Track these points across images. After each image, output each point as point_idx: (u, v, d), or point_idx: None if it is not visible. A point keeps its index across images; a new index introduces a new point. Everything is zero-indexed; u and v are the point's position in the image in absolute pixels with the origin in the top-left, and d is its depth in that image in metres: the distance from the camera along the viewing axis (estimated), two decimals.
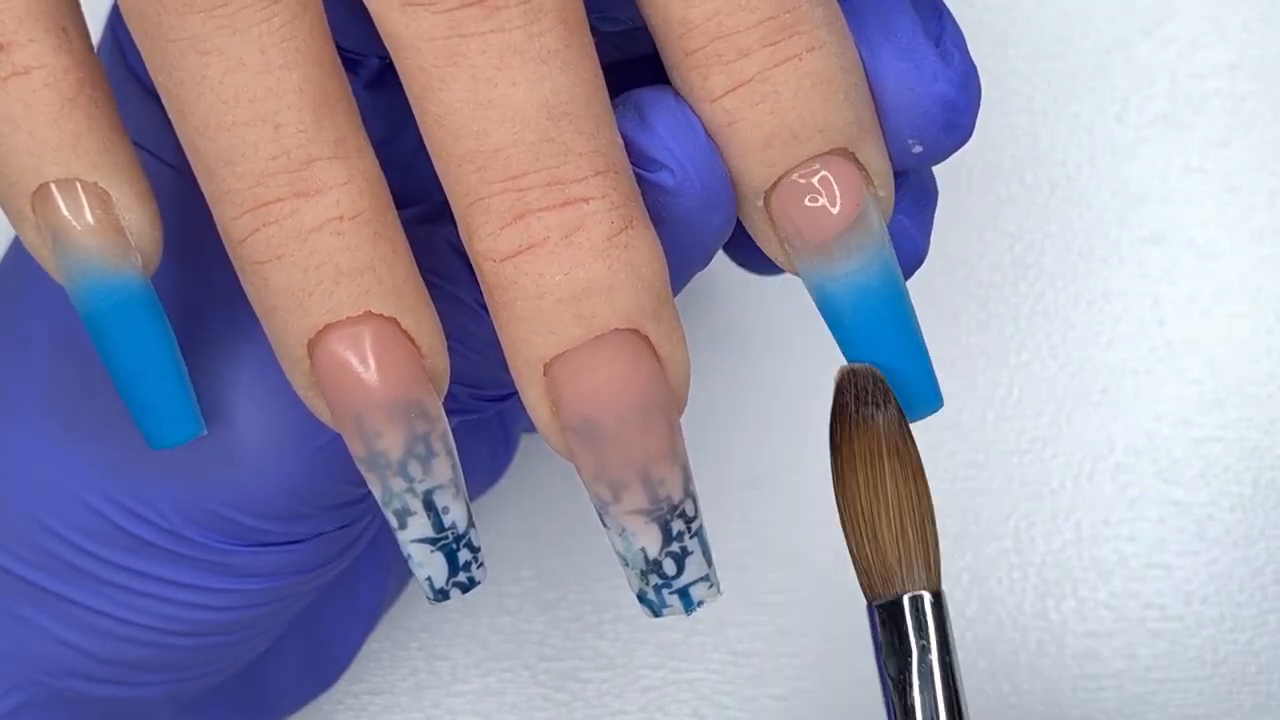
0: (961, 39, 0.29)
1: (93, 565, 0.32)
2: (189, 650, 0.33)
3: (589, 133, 0.27)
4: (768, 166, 0.28)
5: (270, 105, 0.26)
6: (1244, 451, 0.45)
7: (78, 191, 0.28)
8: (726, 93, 0.27)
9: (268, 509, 0.32)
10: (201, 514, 0.32)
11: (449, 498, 0.28)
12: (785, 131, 0.28)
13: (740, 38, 0.27)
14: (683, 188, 0.28)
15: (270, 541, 0.32)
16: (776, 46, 0.27)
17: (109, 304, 0.28)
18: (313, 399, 0.28)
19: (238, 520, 0.32)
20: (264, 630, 0.35)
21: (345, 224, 0.27)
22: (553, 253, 0.26)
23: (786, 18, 0.27)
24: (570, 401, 0.27)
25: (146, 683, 0.34)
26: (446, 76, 0.26)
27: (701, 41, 0.27)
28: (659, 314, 0.27)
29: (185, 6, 0.26)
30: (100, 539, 0.32)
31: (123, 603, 0.32)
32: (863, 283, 0.29)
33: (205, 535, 0.32)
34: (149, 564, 0.32)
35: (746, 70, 0.27)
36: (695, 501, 0.28)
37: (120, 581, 0.32)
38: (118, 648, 0.33)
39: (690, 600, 0.29)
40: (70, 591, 0.33)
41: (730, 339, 0.46)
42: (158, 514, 0.32)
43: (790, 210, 0.28)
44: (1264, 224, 0.46)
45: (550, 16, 0.26)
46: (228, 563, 0.32)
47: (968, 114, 0.29)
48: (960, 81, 0.29)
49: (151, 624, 0.33)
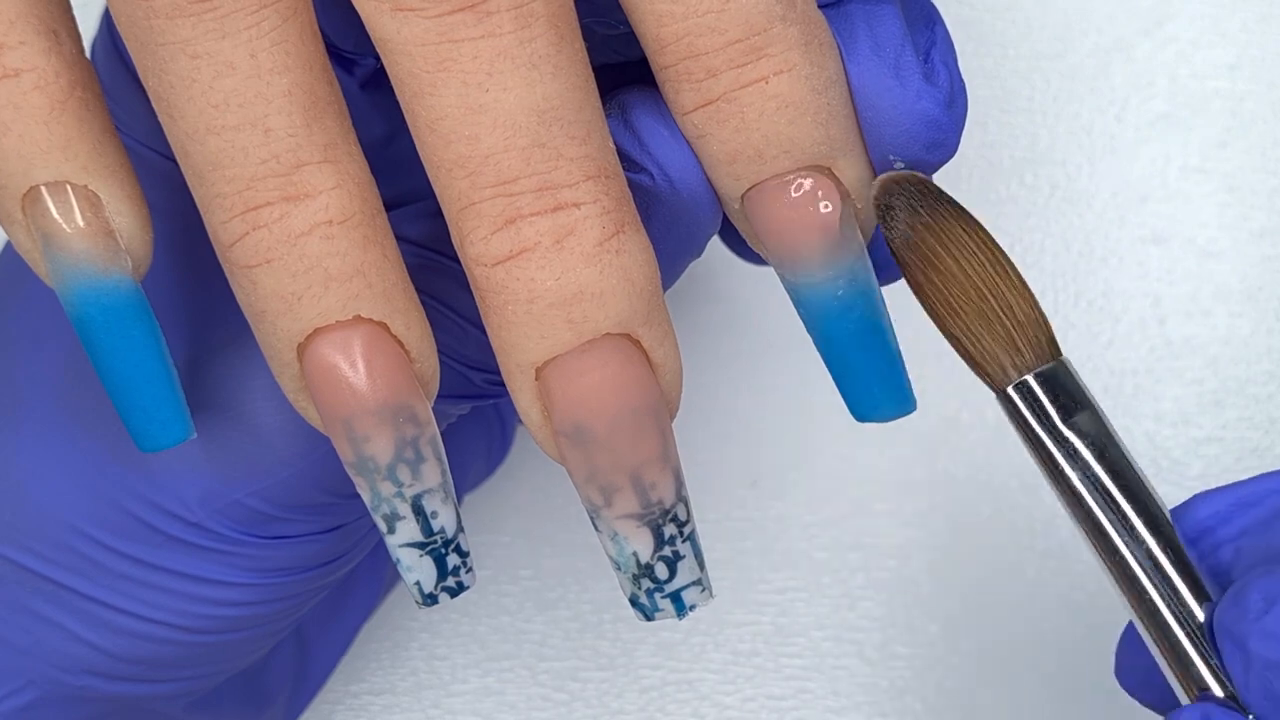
0: (952, 54, 0.29)
1: (115, 561, 0.32)
2: (206, 647, 0.34)
3: (580, 138, 0.27)
4: (734, 179, 0.28)
5: (260, 109, 0.26)
6: (1244, 451, 0.45)
7: (68, 194, 0.28)
8: (695, 109, 0.28)
9: (293, 498, 0.32)
10: (227, 504, 0.32)
11: (438, 502, 0.28)
12: (750, 150, 0.28)
13: (709, 59, 0.27)
14: (662, 188, 0.28)
15: (293, 534, 0.32)
16: (743, 69, 0.27)
17: (98, 307, 0.28)
18: (302, 403, 0.28)
19: (263, 510, 0.32)
20: (280, 625, 0.35)
21: (335, 228, 0.27)
22: (544, 257, 0.27)
23: (756, 40, 0.27)
24: (561, 405, 0.27)
25: (163, 679, 0.34)
26: (438, 82, 0.26)
27: (673, 59, 0.27)
28: (650, 319, 0.27)
29: (175, 10, 0.26)
30: (124, 534, 0.32)
31: (142, 599, 0.33)
32: (831, 292, 0.29)
33: (230, 527, 0.32)
34: (171, 558, 0.32)
35: (714, 90, 0.27)
36: (687, 506, 0.28)
37: (140, 577, 0.32)
38: (135, 645, 0.33)
39: (682, 604, 0.29)
40: (91, 589, 0.33)
41: (730, 339, 0.46)
42: (183, 506, 0.32)
43: (760, 219, 0.28)
44: (1264, 224, 0.46)
45: (541, 22, 0.26)
46: (250, 554, 0.32)
47: (951, 132, 0.29)
48: (945, 100, 0.29)
49: (170, 620, 0.33)
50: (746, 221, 0.29)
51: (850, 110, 0.28)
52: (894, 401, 0.29)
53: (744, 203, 0.28)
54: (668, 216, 0.29)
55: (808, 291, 0.29)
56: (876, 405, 0.29)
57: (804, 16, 0.28)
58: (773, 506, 0.45)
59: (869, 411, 0.30)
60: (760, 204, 0.28)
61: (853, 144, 0.28)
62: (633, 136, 0.28)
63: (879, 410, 0.29)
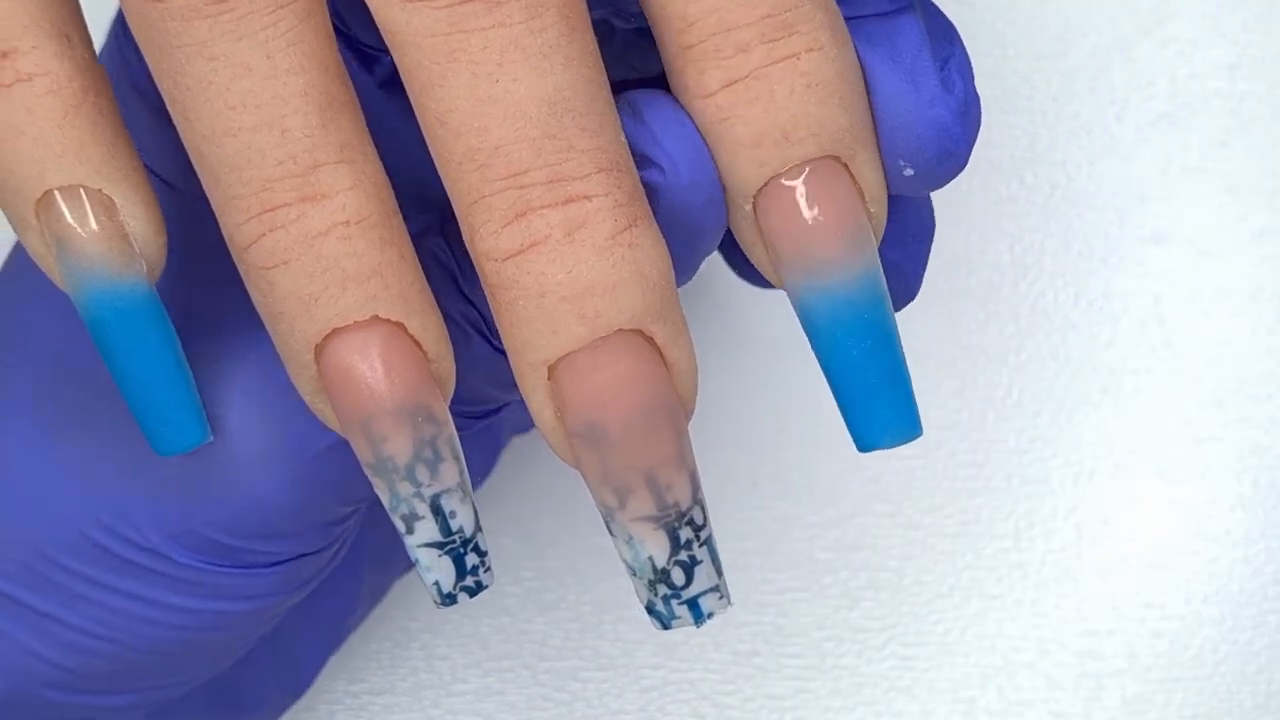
0: (969, 69, 0.29)
1: (70, 580, 0.32)
2: (162, 664, 0.33)
3: (592, 130, 0.26)
4: (758, 165, 0.28)
5: (276, 110, 0.26)
6: (1244, 451, 0.45)
7: (82, 198, 0.28)
8: (721, 88, 0.27)
9: (249, 528, 0.31)
10: (182, 533, 0.31)
11: (456, 501, 0.28)
12: (777, 131, 0.27)
13: (739, 33, 0.27)
14: (673, 185, 0.28)
15: (251, 564, 0.32)
16: (775, 44, 0.27)
17: (113, 311, 0.28)
18: (319, 404, 0.28)
19: (219, 540, 0.31)
20: (238, 647, 0.34)
21: (352, 228, 0.27)
22: (555, 251, 0.26)
23: (788, 15, 0.27)
24: (574, 404, 0.27)
25: (118, 690, 0.34)
26: (447, 73, 0.26)
27: (700, 36, 0.27)
28: (665, 315, 0.27)
29: (190, 12, 0.26)
30: (80, 556, 0.32)
31: (96, 618, 0.32)
32: (845, 296, 0.28)
33: (186, 555, 0.32)
34: (126, 581, 0.32)
35: (743, 66, 0.27)
36: (704, 509, 0.28)
37: (95, 597, 0.32)
38: (89, 661, 0.33)
39: (700, 611, 0.29)
40: (46, 605, 0.32)
41: (732, 339, 0.46)
42: (138, 533, 0.31)
43: (777, 215, 0.28)
44: (1264, 224, 0.46)
45: (552, 12, 0.26)
46: (206, 581, 0.32)
47: (963, 142, 0.29)
48: (959, 109, 0.28)
49: (123, 640, 0.32)
50: (755, 226, 0.28)
51: (867, 106, 0.28)
52: (902, 422, 0.29)
53: (760, 198, 0.28)
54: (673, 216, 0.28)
55: (820, 299, 0.28)
56: (886, 426, 0.29)
57: (827, 2, 0.28)
58: (774, 507, 0.45)
59: (877, 436, 0.29)
60: (780, 197, 0.28)
61: (870, 141, 0.28)
62: (645, 129, 0.28)
63: (887, 434, 0.29)
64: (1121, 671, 0.44)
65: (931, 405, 0.45)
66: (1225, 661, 0.44)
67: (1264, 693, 0.44)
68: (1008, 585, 0.45)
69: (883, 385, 0.29)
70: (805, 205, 0.28)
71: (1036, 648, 0.44)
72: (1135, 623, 0.45)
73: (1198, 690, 0.44)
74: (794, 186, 0.28)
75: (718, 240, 0.29)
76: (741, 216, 0.28)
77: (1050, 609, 0.45)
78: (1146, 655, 0.44)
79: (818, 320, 0.29)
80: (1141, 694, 0.44)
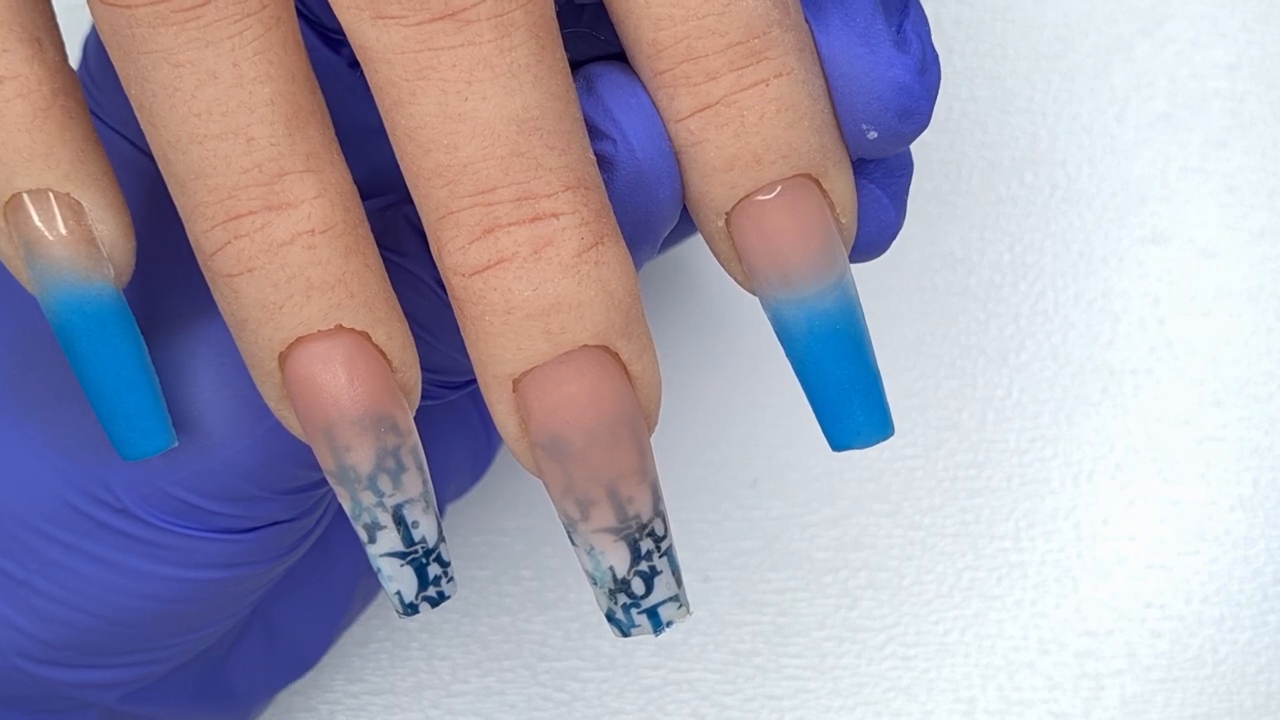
0: (925, 26, 0.29)
1: (45, 546, 0.32)
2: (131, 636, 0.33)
3: (560, 148, 0.27)
4: (729, 188, 0.28)
5: (243, 119, 0.26)
6: (1244, 451, 0.45)
7: (50, 202, 0.28)
8: (692, 114, 0.27)
9: (220, 489, 0.32)
10: (152, 491, 0.32)
11: (419, 512, 0.28)
12: (749, 154, 0.28)
13: (708, 61, 0.27)
14: (623, 157, 0.28)
15: (222, 528, 0.32)
16: (744, 71, 0.27)
17: (80, 315, 0.29)
18: (283, 412, 0.28)
19: (189, 500, 0.32)
20: (211, 623, 0.34)
21: (317, 237, 0.27)
22: (521, 268, 0.26)
23: (756, 43, 0.27)
24: (538, 417, 0.27)
25: (90, 665, 0.34)
26: (417, 90, 0.26)
27: (670, 64, 0.27)
28: (629, 331, 0.27)
29: (158, 19, 0.26)
30: (54, 519, 0.32)
31: (69, 585, 0.32)
32: (818, 309, 0.28)
33: (157, 516, 0.32)
34: (98, 546, 0.32)
35: (713, 93, 0.27)
36: (665, 520, 0.28)
37: (68, 563, 0.32)
38: (61, 631, 0.33)
39: (659, 620, 0.29)
40: (22, 572, 0.33)
41: (731, 340, 0.46)
42: (109, 492, 0.32)
43: (750, 231, 0.28)
44: (1264, 224, 0.46)
45: (522, 31, 0.26)
46: (177, 545, 0.32)
47: (923, 100, 0.29)
48: (916, 67, 0.28)
49: (93, 609, 0.33)
50: (728, 240, 0.29)
51: (836, 123, 0.28)
52: (874, 425, 0.29)
53: (733, 215, 0.28)
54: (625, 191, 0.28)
55: (794, 310, 0.29)
56: (858, 430, 0.29)
57: (796, 24, 0.28)
58: (773, 506, 0.45)
59: (850, 437, 0.29)
60: (752, 214, 0.28)
61: (841, 156, 0.28)
62: (597, 102, 0.28)
63: (860, 435, 0.29)
64: (1121, 672, 0.44)
65: (931, 405, 0.46)
66: (1225, 661, 0.44)
67: (1264, 693, 0.44)
68: (1008, 585, 0.45)
69: (855, 390, 0.29)
70: (777, 222, 0.28)
71: (1036, 648, 0.44)
72: (1135, 623, 0.44)
73: (1198, 690, 0.44)
74: (766, 202, 0.28)
75: (675, 215, 0.29)
76: (715, 231, 0.29)
77: (1050, 609, 0.45)
78: (1146, 655, 0.44)
79: (792, 330, 0.29)
80: (1141, 694, 0.44)
